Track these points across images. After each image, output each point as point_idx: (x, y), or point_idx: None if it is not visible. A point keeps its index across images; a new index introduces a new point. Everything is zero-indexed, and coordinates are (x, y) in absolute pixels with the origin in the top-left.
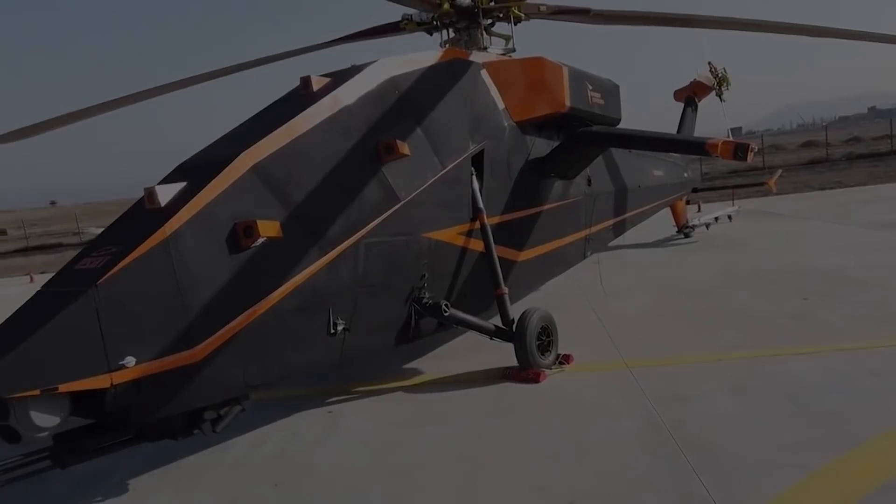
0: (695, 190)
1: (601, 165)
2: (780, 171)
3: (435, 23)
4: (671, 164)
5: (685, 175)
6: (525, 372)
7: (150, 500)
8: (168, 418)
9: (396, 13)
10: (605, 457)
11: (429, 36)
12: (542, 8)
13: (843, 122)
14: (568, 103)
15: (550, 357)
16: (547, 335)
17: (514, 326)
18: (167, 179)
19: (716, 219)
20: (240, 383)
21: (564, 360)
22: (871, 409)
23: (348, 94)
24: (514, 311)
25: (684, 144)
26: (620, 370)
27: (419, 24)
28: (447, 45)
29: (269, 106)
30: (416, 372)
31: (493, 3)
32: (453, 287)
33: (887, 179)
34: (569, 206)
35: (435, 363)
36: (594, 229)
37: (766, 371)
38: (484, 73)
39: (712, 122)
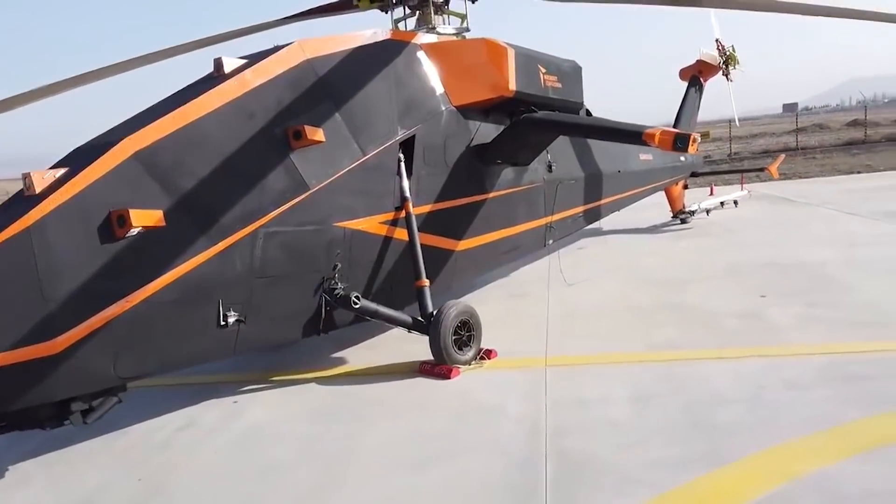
0: (693, 174)
1: (571, 150)
2: (783, 156)
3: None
4: None
5: (682, 159)
6: (438, 367)
7: (17, 491)
8: (34, 408)
9: None
10: (468, 465)
11: (384, 14)
12: None
13: None
14: (513, 87)
15: (470, 352)
16: (467, 330)
17: (431, 320)
18: (58, 164)
19: (721, 203)
20: (109, 376)
21: (486, 355)
22: (763, 424)
23: (258, 76)
24: (459, 300)
25: (623, 133)
26: (537, 368)
27: (372, 1)
28: (400, 24)
29: (182, 89)
30: (340, 361)
31: None
32: (375, 278)
33: None
34: (523, 193)
35: (363, 353)
36: (558, 216)
37: (679, 376)
38: (420, 55)
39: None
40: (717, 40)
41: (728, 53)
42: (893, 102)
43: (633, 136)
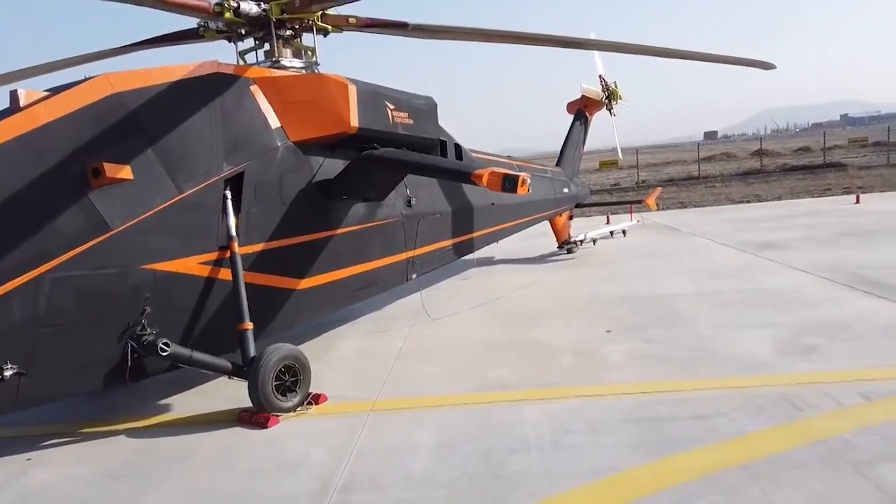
0: (578, 205)
1: (438, 184)
2: (660, 189)
3: (235, 31)
4: (548, 179)
5: (565, 190)
6: (256, 416)
7: None
8: None
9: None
10: None
11: (232, 45)
12: (352, 20)
13: (815, 129)
14: (356, 123)
15: (296, 398)
16: (292, 375)
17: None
18: None
19: (611, 233)
20: None
21: (314, 400)
22: (550, 473)
23: (52, 111)
24: (283, 344)
25: (455, 172)
26: (361, 414)
27: (218, 31)
28: (248, 56)
29: None
30: (162, 409)
31: (285, 14)
32: (195, 322)
33: (805, 194)
34: (378, 229)
35: (190, 399)
36: (421, 251)
37: (493, 420)
38: (254, 90)
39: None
40: (600, 76)
41: (611, 89)
42: (805, 132)
43: (463, 175)
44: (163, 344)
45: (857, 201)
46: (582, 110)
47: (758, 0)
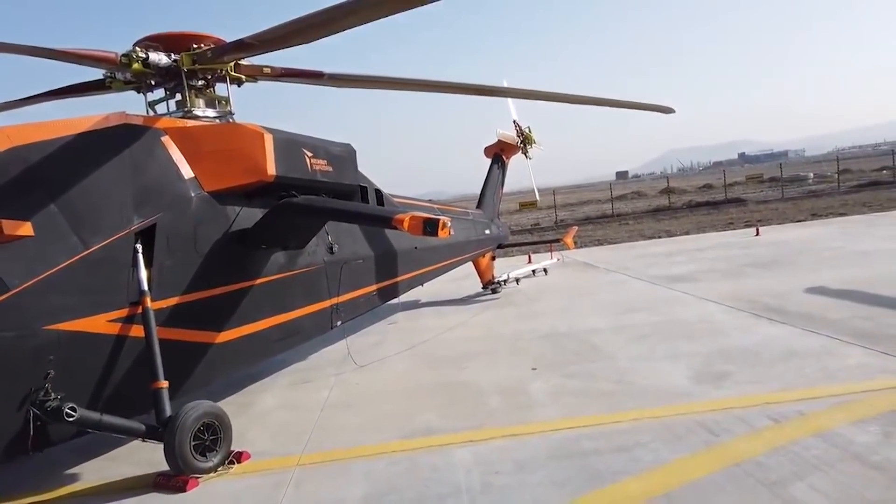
0: (500, 246)
1: (360, 230)
2: (576, 227)
3: (144, 82)
4: (469, 221)
5: (487, 232)
6: (174, 479)
7: None
8: None
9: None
10: None
11: (142, 95)
12: (267, 70)
13: (716, 167)
14: (272, 172)
15: (217, 458)
16: (212, 433)
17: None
18: None
19: (533, 272)
20: None
21: (236, 459)
22: None
23: None
24: (201, 402)
25: (375, 218)
26: (287, 470)
27: (126, 82)
28: (158, 106)
29: None
30: (71, 479)
31: (196, 65)
32: (105, 384)
33: (710, 228)
34: (299, 277)
35: (101, 465)
36: (345, 297)
37: (422, 466)
38: (165, 140)
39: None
40: (514, 121)
41: (525, 134)
42: (708, 170)
43: (384, 220)
44: (69, 409)
45: (758, 234)
46: (499, 154)
47: (657, 48)
